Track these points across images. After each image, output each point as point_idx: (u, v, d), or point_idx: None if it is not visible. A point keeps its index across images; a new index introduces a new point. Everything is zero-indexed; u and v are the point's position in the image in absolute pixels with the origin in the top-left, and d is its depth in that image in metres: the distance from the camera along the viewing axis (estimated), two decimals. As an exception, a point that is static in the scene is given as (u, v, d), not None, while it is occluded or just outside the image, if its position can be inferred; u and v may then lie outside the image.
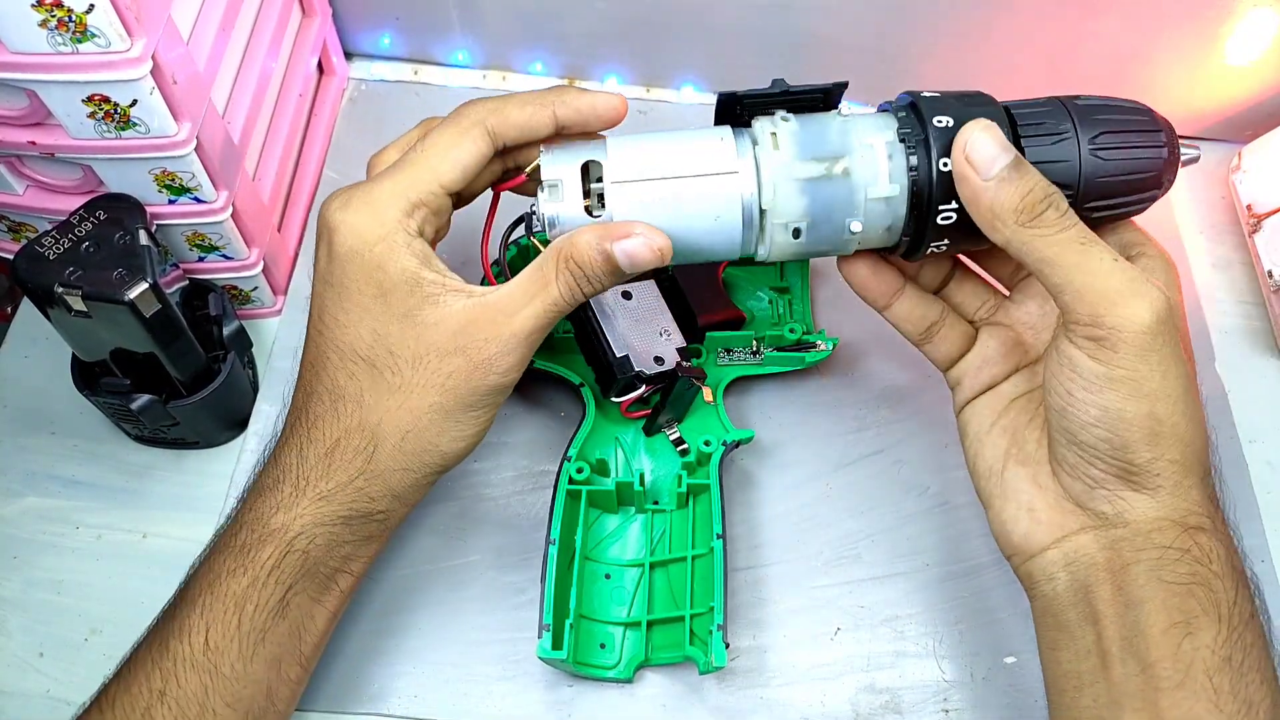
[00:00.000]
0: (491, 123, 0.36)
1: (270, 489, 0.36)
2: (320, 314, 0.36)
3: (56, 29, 0.35)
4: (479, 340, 0.35)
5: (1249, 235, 0.54)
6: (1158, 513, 0.34)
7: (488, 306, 0.35)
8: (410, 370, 0.35)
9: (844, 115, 0.36)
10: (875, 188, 0.35)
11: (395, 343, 0.35)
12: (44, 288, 0.38)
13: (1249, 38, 0.51)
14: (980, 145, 0.33)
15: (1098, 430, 0.34)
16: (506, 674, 0.42)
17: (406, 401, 0.36)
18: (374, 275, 0.35)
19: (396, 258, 0.35)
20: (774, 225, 0.35)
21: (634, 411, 0.45)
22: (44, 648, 0.43)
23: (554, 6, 0.55)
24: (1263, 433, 0.49)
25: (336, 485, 0.36)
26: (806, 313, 0.49)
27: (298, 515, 0.36)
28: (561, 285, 0.35)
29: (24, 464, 0.47)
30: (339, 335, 0.36)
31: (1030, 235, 0.33)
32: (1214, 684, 0.32)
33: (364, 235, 0.35)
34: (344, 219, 0.35)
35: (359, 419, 0.36)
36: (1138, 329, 0.32)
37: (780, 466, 0.48)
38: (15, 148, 0.40)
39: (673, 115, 0.59)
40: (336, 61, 0.58)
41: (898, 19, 0.53)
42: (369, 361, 0.36)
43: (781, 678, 0.43)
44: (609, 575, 0.43)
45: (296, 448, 0.37)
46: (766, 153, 0.35)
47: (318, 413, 0.36)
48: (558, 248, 0.35)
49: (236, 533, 0.36)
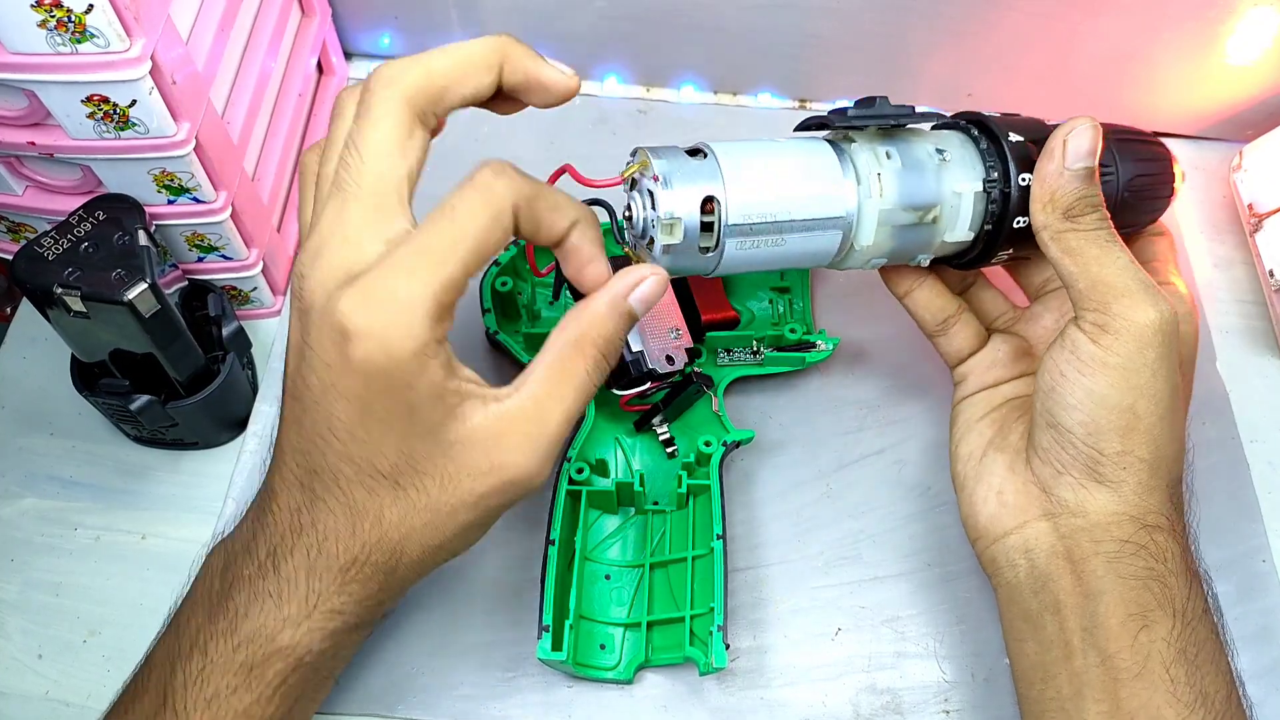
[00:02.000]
0: (518, 200, 0.31)
1: (273, 600, 0.33)
2: (329, 425, 0.31)
3: (56, 29, 0.35)
4: (514, 456, 0.32)
5: (1250, 235, 0.54)
6: (1118, 508, 0.35)
7: (518, 415, 0.32)
8: (439, 490, 0.32)
9: (938, 146, 0.37)
10: (954, 234, 0.37)
11: (422, 462, 0.31)
12: (43, 288, 0.38)
13: (1250, 37, 0.51)
14: (1081, 139, 0.36)
15: (1078, 413, 0.35)
16: (506, 675, 0.42)
17: (434, 520, 0.32)
18: (401, 394, 0.30)
19: (427, 373, 0.30)
20: (857, 258, 0.37)
21: (632, 405, 0.45)
22: (43, 649, 0.43)
23: (554, 6, 0.55)
24: (1263, 433, 0.49)
25: (351, 600, 0.33)
26: (807, 313, 0.49)
27: (308, 632, 0.33)
28: (590, 369, 0.33)
29: (23, 465, 0.47)
30: (355, 450, 0.31)
31: (1066, 226, 0.36)
32: (1170, 675, 0.33)
33: (393, 352, 0.29)
34: (366, 325, 0.29)
35: (378, 535, 0.32)
36: (1141, 323, 0.34)
37: (780, 466, 0.48)
38: (14, 148, 0.40)
39: (673, 115, 0.59)
40: (336, 61, 0.58)
41: (898, 19, 0.53)
42: (391, 479, 0.32)
43: (782, 678, 0.43)
44: (609, 576, 0.43)
45: (304, 560, 0.33)
46: (871, 197, 0.36)
47: (330, 527, 0.32)
48: (578, 335, 0.32)
49: (237, 648, 0.33)
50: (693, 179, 0.34)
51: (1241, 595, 0.44)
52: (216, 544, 0.35)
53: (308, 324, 0.31)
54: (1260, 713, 0.42)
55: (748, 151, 0.35)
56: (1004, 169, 0.37)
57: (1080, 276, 0.35)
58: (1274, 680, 0.42)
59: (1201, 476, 0.47)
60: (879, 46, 0.55)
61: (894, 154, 0.36)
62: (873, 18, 0.53)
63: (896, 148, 0.37)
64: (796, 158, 0.36)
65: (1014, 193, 0.37)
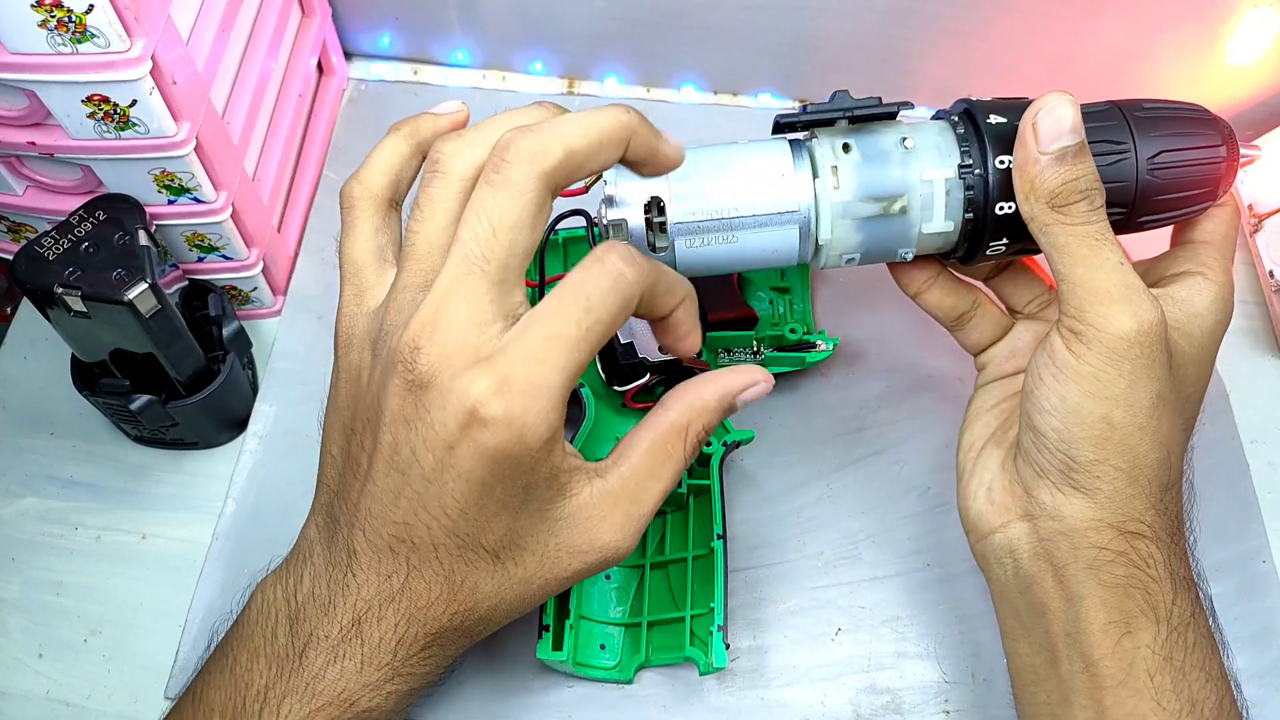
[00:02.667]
0: (645, 287, 0.31)
1: (354, 664, 0.32)
2: (440, 502, 0.30)
3: (56, 29, 0.35)
4: (612, 536, 0.33)
5: (1250, 235, 0.54)
6: (1094, 514, 0.34)
7: (620, 495, 0.33)
8: (536, 565, 0.32)
9: (905, 135, 0.36)
10: (930, 225, 0.36)
11: (526, 539, 0.32)
12: (43, 288, 0.38)
13: (1250, 37, 0.51)
14: (1051, 117, 0.33)
15: (1052, 418, 0.34)
16: (506, 675, 0.42)
17: (524, 592, 0.33)
18: (525, 478, 0.30)
19: (551, 458, 0.30)
20: (826, 254, 0.37)
21: (638, 402, 0.45)
22: (43, 649, 0.43)
23: (554, 6, 0.55)
24: (1264, 433, 0.49)
25: (432, 666, 0.33)
26: (807, 313, 0.49)
27: (387, 695, 0.32)
28: (689, 454, 0.34)
29: (23, 465, 0.47)
30: (463, 528, 0.31)
31: (1052, 219, 0.34)
32: (1155, 683, 0.33)
33: (529, 441, 0.29)
34: (505, 414, 0.28)
35: (470, 606, 0.32)
36: (1115, 333, 0.33)
37: (780, 466, 0.48)
38: (15, 148, 0.40)
39: (673, 115, 0.59)
40: (336, 61, 0.58)
41: (898, 19, 0.53)
42: (493, 553, 0.32)
43: (782, 679, 0.43)
44: (609, 576, 0.43)
45: (392, 629, 0.32)
46: (826, 190, 0.35)
47: (425, 599, 0.32)
48: (685, 421, 0.33)
49: (314, 712, 0.31)
50: (640, 181, 0.35)
51: (1241, 595, 0.44)
52: (268, 584, 0.34)
53: (425, 400, 0.29)
54: (1260, 713, 0.42)
55: (700, 154, 0.36)
56: (980, 153, 0.35)
57: (1064, 277, 0.34)
58: (1274, 680, 0.42)
59: (1201, 476, 0.47)
60: (879, 46, 0.55)
61: (853, 146, 0.36)
62: (873, 18, 0.53)
63: (858, 140, 0.36)
64: (748, 157, 0.36)
65: (991, 177, 0.35)
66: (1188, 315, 0.35)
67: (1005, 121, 0.35)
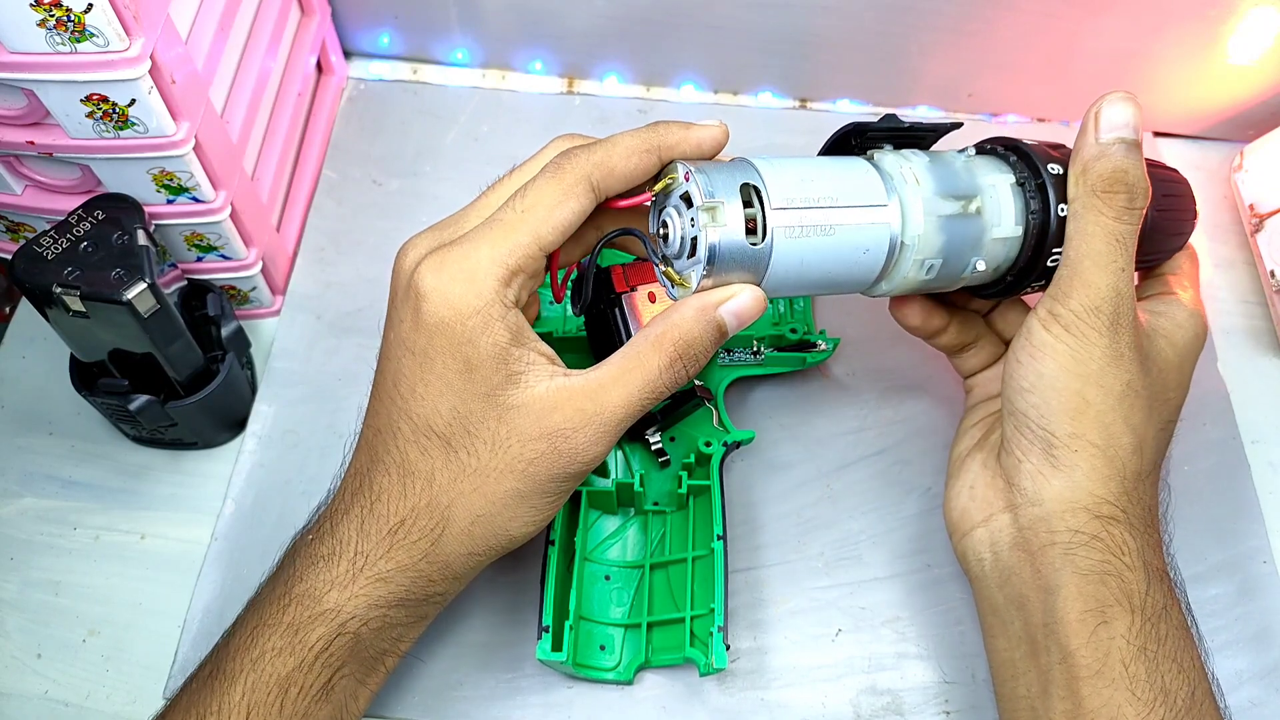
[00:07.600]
0: (596, 178, 0.33)
1: (325, 561, 0.34)
2: (395, 381, 0.34)
3: (55, 29, 0.34)
4: (566, 427, 0.33)
5: (1251, 235, 0.54)
6: (1071, 495, 0.35)
7: (577, 391, 0.33)
8: (489, 453, 0.33)
9: (962, 149, 0.37)
10: (1000, 228, 0.36)
11: (475, 423, 0.33)
12: (42, 288, 0.38)
13: (1251, 37, 0.51)
14: (1113, 109, 0.35)
15: (1031, 395, 0.36)
16: (506, 675, 0.42)
17: (482, 485, 0.33)
18: (462, 350, 0.32)
19: (490, 332, 0.32)
20: (910, 261, 0.35)
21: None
22: (42, 648, 0.43)
23: (554, 5, 0.55)
24: (1264, 433, 0.49)
25: (397, 567, 0.34)
26: (807, 313, 0.49)
27: (353, 596, 0.34)
28: (663, 366, 0.33)
29: (22, 465, 0.47)
30: (414, 407, 0.33)
31: (1091, 202, 0.35)
32: (1129, 672, 0.33)
33: (459, 307, 0.32)
34: (438, 286, 0.32)
35: (428, 499, 0.34)
36: (1087, 309, 0.35)
37: (781, 467, 0.47)
38: (14, 147, 0.40)
39: (673, 115, 0.58)
40: (335, 60, 0.58)
41: (898, 19, 0.53)
42: (444, 439, 0.33)
43: (782, 679, 0.42)
44: (609, 576, 0.43)
45: (357, 520, 0.34)
46: (910, 188, 0.35)
47: (383, 486, 0.34)
48: (658, 333, 0.33)
49: (286, 607, 0.34)
50: (729, 172, 0.33)
51: (1241, 595, 0.44)
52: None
53: (394, 293, 0.34)
54: (1261, 713, 0.42)
55: (775, 160, 0.35)
56: (1029, 167, 0.36)
57: (1070, 262, 0.35)
58: (1274, 680, 0.42)
59: (1202, 476, 0.47)
60: (879, 46, 0.55)
61: (918, 153, 0.36)
62: (873, 17, 0.53)
63: (915, 153, 0.37)
64: (827, 163, 0.35)
65: (1049, 183, 0.36)
66: (1172, 324, 0.38)
67: (1039, 141, 0.37)
